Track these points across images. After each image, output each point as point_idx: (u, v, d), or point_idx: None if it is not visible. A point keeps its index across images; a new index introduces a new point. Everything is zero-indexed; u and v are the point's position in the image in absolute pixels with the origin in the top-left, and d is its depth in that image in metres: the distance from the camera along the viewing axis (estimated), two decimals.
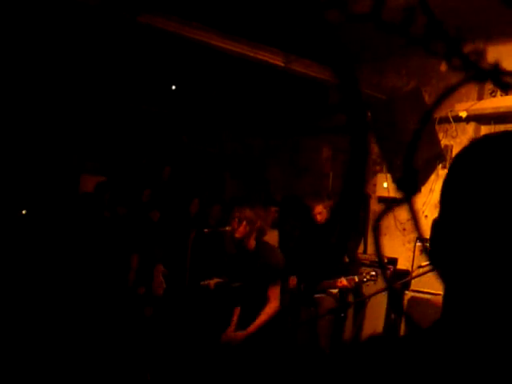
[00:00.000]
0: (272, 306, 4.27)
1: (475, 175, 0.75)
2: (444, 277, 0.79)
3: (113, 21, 5.12)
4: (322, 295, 5.54)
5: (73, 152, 7.70)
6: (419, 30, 0.60)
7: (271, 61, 6.04)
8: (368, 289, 5.83)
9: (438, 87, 6.73)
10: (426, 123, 0.64)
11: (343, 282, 5.31)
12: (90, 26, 5.61)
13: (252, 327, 4.24)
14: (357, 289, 5.53)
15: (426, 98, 6.40)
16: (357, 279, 5.32)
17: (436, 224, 0.80)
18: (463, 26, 5.40)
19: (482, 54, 0.59)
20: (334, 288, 5.39)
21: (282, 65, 6.14)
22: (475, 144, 0.80)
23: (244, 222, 4.33)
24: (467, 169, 0.77)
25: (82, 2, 4.78)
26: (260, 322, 4.24)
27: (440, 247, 0.79)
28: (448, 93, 0.62)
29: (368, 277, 5.26)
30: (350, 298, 5.54)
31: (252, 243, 4.39)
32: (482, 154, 0.77)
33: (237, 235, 4.38)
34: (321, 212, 5.73)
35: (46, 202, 6.52)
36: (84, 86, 7.32)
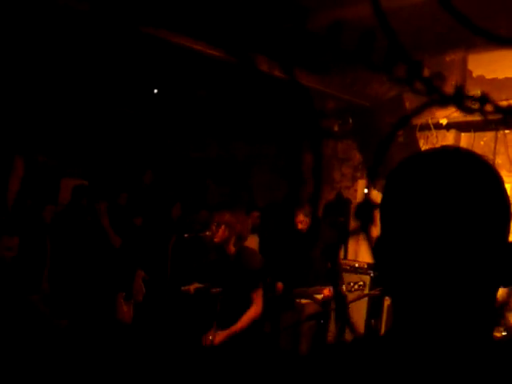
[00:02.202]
0: (255, 310, 4.25)
1: (406, 196, 0.79)
2: (391, 291, 0.83)
3: (97, 26, 5.10)
4: (307, 301, 5.53)
5: (53, 155, 7.64)
6: (380, 55, 0.60)
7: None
8: (350, 295, 5.85)
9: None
10: (390, 142, 0.65)
11: (327, 292, 5.29)
12: (73, 30, 5.57)
13: (234, 328, 4.21)
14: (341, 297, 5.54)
15: (408, 104, 6.44)
16: (344, 288, 5.32)
17: (376, 244, 0.84)
18: (444, 35, 5.48)
19: (444, 78, 0.59)
20: (318, 296, 5.38)
21: (267, 71, 6.13)
22: (406, 163, 0.83)
23: (223, 226, 4.30)
24: (399, 188, 0.81)
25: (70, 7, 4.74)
26: (242, 325, 4.21)
27: (383, 266, 0.83)
28: (411, 115, 0.63)
29: (356, 286, 5.25)
30: (333, 305, 5.55)
31: (231, 248, 4.36)
32: (411, 174, 0.81)
33: (215, 239, 4.36)
34: (302, 221, 5.72)
35: (27, 206, 6.46)
36: (65, 90, 7.27)
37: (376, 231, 0.82)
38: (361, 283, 5.25)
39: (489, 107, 0.60)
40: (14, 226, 5.27)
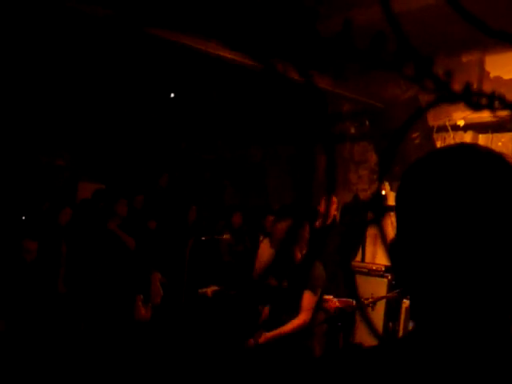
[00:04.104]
0: (302, 318, 4.18)
1: (422, 194, 0.78)
2: (409, 293, 0.82)
3: (112, 30, 5.15)
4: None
5: (71, 159, 7.71)
6: (390, 53, 0.61)
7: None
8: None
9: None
10: (399, 142, 0.65)
11: (336, 304, 5.23)
12: (89, 34, 5.63)
13: (278, 331, 4.17)
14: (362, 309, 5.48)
15: (424, 105, 6.40)
16: (355, 304, 5.23)
17: (393, 245, 0.83)
18: (461, 36, 5.44)
19: (452, 75, 0.60)
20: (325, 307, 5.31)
21: (282, 73, 6.13)
22: (421, 162, 0.82)
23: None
24: (415, 188, 0.80)
25: (83, 11, 4.80)
26: (287, 330, 4.16)
27: (400, 267, 0.82)
28: (419, 114, 0.63)
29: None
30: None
31: (298, 255, 4.34)
32: (426, 172, 0.80)
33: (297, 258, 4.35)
34: (336, 202, 5.70)
35: (45, 208, 6.53)
36: (82, 92, 7.34)
37: (391, 231, 0.82)
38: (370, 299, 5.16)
39: (497, 104, 0.60)
40: (34, 229, 5.34)
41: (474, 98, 0.61)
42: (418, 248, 0.77)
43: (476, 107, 0.62)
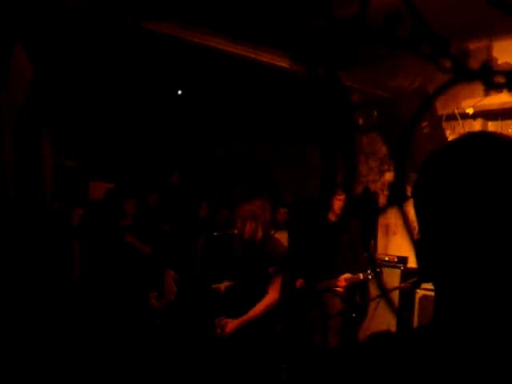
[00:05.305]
0: (270, 298, 4.13)
1: (444, 187, 0.78)
2: (435, 287, 0.82)
3: (118, 26, 5.14)
4: (329, 295, 5.48)
5: (81, 159, 7.74)
6: (406, 33, 0.60)
7: (277, 63, 6.02)
8: (375, 289, 5.79)
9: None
10: (414, 127, 0.64)
11: (343, 283, 5.23)
12: (96, 31, 5.63)
13: (246, 316, 4.11)
14: (363, 287, 5.49)
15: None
16: (361, 276, 5.23)
17: (418, 244, 0.83)
18: (468, 23, 5.40)
19: (468, 54, 0.60)
20: (335, 288, 5.31)
21: (288, 67, 6.11)
22: (439, 153, 0.82)
23: (248, 221, 4.26)
24: (436, 180, 0.80)
25: (85, 7, 4.79)
26: (255, 313, 4.11)
27: (426, 264, 0.82)
28: (437, 93, 0.63)
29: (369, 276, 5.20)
30: (358, 299, 5.50)
31: (259, 235, 4.30)
32: (445, 165, 0.80)
33: (246, 236, 4.31)
34: (341, 199, 5.66)
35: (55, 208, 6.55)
36: (91, 92, 7.36)
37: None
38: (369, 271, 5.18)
39: None
40: (46, 230, 5.34)
41: (492, 77, 0.60)
42: (443, 242, 0.77)
43: (494, 86, 0.61)
